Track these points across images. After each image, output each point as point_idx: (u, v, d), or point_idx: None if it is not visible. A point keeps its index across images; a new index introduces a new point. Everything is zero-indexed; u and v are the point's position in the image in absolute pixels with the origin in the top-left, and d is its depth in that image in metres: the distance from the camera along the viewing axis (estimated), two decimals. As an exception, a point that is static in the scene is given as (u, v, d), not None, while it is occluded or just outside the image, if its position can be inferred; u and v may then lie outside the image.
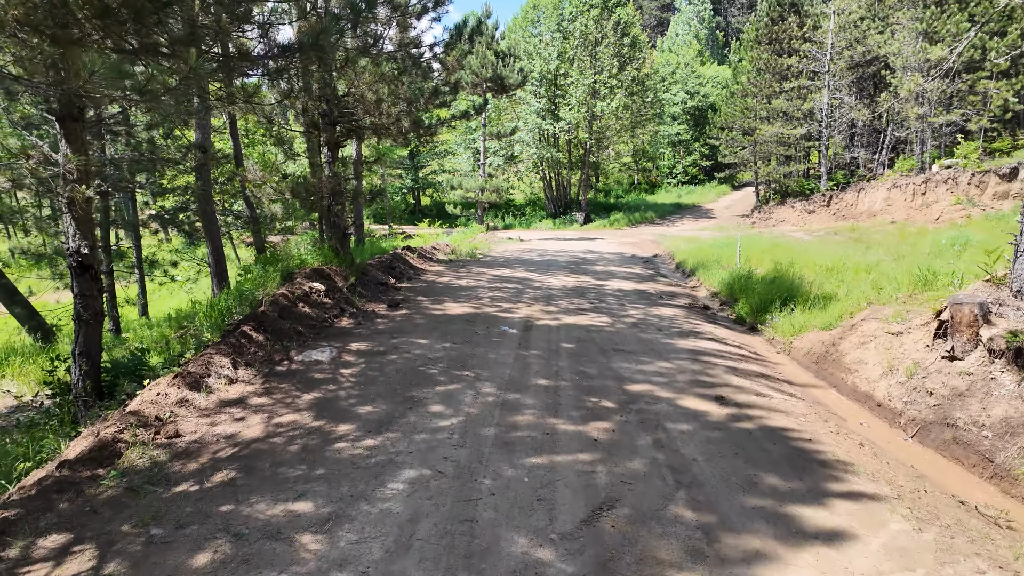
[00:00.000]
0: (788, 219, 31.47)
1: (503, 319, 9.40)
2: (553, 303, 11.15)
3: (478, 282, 13.12)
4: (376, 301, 9.85)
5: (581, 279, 14.60)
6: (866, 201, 30.02)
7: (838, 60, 30.31)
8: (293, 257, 9.65)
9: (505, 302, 10.91)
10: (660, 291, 13.70)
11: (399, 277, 12.34)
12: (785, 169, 32.48)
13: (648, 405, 5.92)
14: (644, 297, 12.68)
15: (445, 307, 10.08)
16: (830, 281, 13.10)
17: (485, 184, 27.55)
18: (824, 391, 7.67)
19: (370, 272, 11.10)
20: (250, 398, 5.59)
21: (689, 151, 44.86)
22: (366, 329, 8.31)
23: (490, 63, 25.57)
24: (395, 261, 13.29)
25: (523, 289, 12.46)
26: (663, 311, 11.29)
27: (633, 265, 18.32)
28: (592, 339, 8.48)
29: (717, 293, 13.83)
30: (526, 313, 9.97)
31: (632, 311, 11.05)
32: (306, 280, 8.66)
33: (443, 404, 5.56)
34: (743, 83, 33.69)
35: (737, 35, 72.43)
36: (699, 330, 9.84)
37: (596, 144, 34.74)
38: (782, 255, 17.36)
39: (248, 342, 6.64)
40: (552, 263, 17.47)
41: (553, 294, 12.10)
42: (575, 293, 12.40)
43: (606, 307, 11.13)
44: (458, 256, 18.18)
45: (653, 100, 36.53)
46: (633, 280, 15.08)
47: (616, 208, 37.34)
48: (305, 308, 8.05)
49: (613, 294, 12.68)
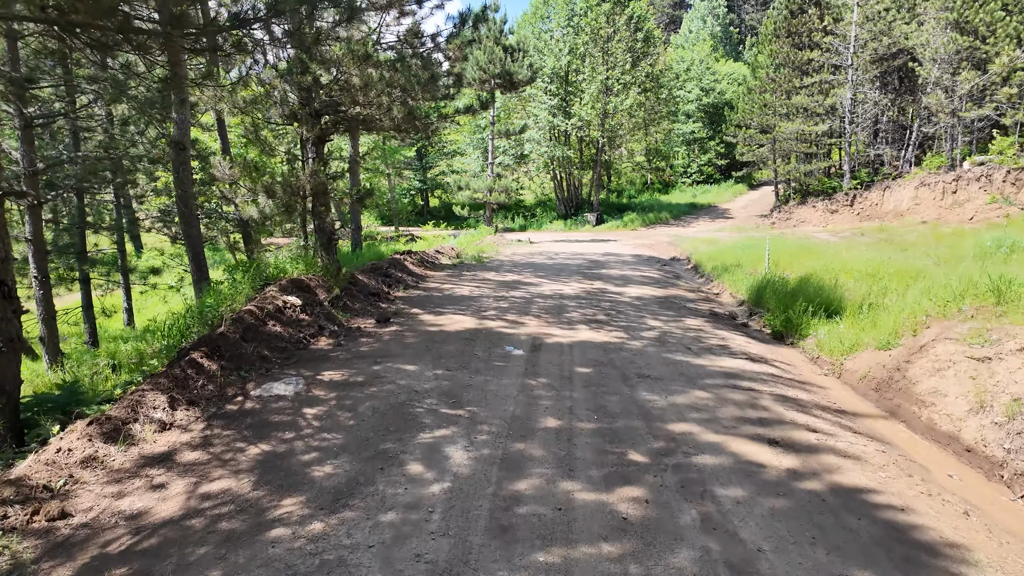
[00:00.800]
0: (809, 219, 29.96)
1: (508, 336, 8.14)
2: (565, 315, 9.87)
3: (482, 290, 11.86)
4: (364, 315, 8.65)
5: (595, 285, 13.31)
6: (892, 200, 28.47)
7: (862, 53, 28.76)
8: (270, 265, 8.48)
9: (511, 314, 9.65)
10: (681, 298, 12.39)
11: (395, 286, 11.14)
12: (806, 167, 30.96)
13: (687, 456, 4.64)
14: (665, 306, 11.38)
15: (442, 321, 8.83)
16: (872, 289, 11.75)
17: (493, 184, 26.28)
18: (891, 426, 6.33)
19: (360, 281, 9.88)
20: (181, 452, 4.37)
21: (704, 150, 43.34)
22: (346, 352, 7.08)
23: (498, 58, 24.32)
24: (392, 268, 12.07)
25: (531, 298, 11.18)
26: (688, 323, 9.98)
27: (650, 269, 17.01)
28: (611, 361, 7.19)
29: (744, 301, 12.49)
30: (534, 328, 8.69)
31: (653, 323, 9.75)
32: (280, 293, 7.47)
33: (425, 462, 4.30)
34: (761, 78, 32.22)
35: (752, 32, 70.72)
36: (731, 346, 8.53)
37: (608, 142, 33.40)
38: (812, 258, 15.98)
39: (196, 373, 5.42)
40: (563, 268, 16.18)
41: (565, 304, 10.82)
42: (589, 302, 11.12)
43: (624, 319, 9.84)
44: (463, 260, 16.94)
45: (667, 97, 35.13)
46: (651, 286, 13.77)
47: (629, 208, 35.96)
48: (276, 327, 6.83)
49: (631, 303, 11.38)
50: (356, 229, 14.36)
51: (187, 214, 10.61)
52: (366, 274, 10.63)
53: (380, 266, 11.82)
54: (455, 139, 40.87)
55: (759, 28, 72.36)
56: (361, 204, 13.55)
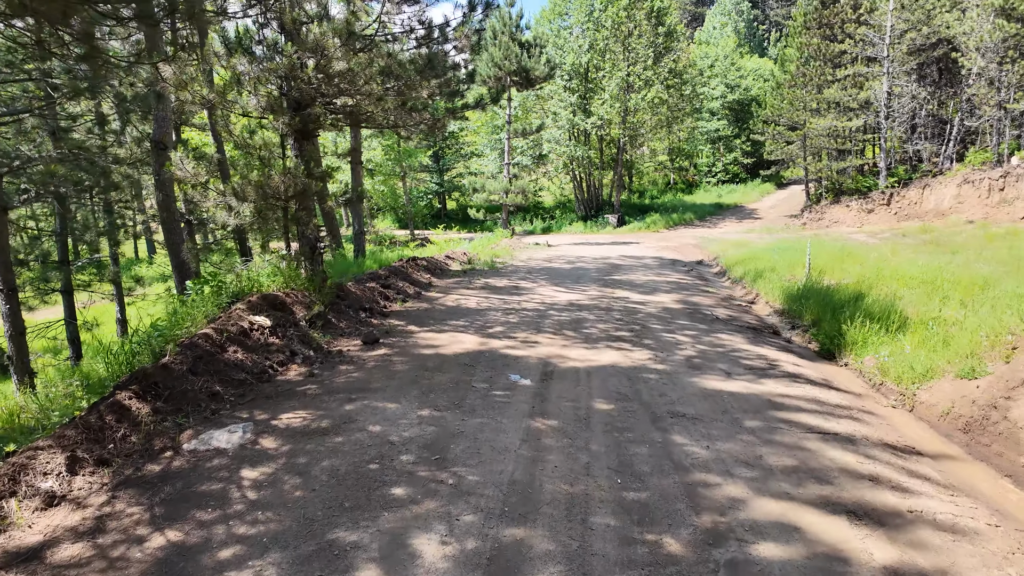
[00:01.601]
0: (843, 219, 28.25)
1: (514, 360, 6.91)
2: (582, 330, 8.62)
3: (491, 301, 10.65)
4: (350, 335, 7.51)
5: (616, 294, 12.02)
6: (932, 199, 26.68)
7: (898, 44, 26.99)
8: (242, 278, 7.36)
9: (521, 331, 8.42)
10: (713, 308, 11.05)
11: (393, 297, 9.98)
12: (839, 165, 29.23)
13: (744, 544, 3.39)
14: (695, 317, 10.06)
15: (441, 341, 7.65)
16: (932, 300, 10.32)
17: (510, 186, 25.05)
18: (996, 483, 4.98)
19: (351, 294, 8.73)
20: (58, 545, 3.22)
21: (730, 148, 41.64)
22: (318, 384, 5.93)
23: (514, 54, 23.13)
24: (393, 276, 10.92)
25: (545, 311, 9.94)
26: (722, 338, 8.67)
27: (675, 274, 15.65)
28: (637, 393, 5.93)
29: (785, 312, 11.12)
30: (546, 349, 7.45)
31: (683, 339, 8.45)
32: (248, 312, 6.35)
33: (383, 564, 3.09)
34: (791, 72, 30.55)
35: (778, 27, 68.64)
36: (777, 369, 7.22)
37: (630, 141, 31.99)
38: (854, 263, 14.51)
39: (118, 420, 4.30)
40: (582, 274, 14.91)
41: (582, 317, 9.56)
42: (610, 315, 9.85)
43: (650, 335, 8.56)
44: (475, 266, 15.75)
45: (691, 94, 33.60)
46: (678, 293, 12.44)
47: (652, 209, 34.50)
48: (237, 354, 5.71)
49: (656, 314, 10.09)
50: (359, 234, 13.21)
51: (168, 219, 9.58)
52: (360, 285, 9.47)
53: (379, 275, 10.68)
54: (473, 140, 39.79)
55: (784, 24, 70.21)
56: (355, 206, 12.41)
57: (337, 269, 10.91)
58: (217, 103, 6.47)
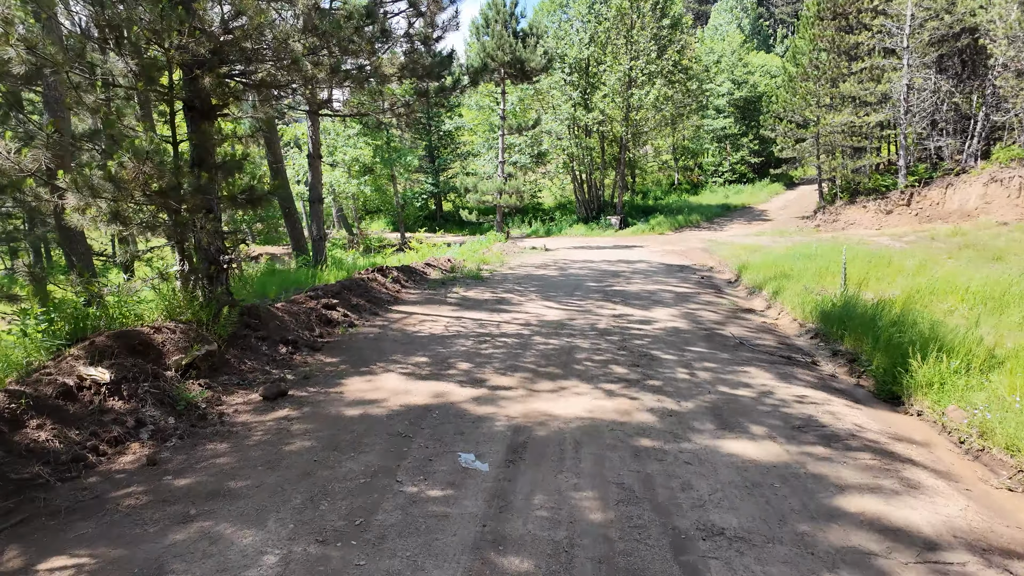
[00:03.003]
0: (860, 221, 26.14)
1: (473, 424, 4.88)
2: (573, 366, 6.60)
3: (464, 324, 8.61)
4: (252, 384, 5.52)
5: (617, 310, 10.00)
6: (956, 199, 24.57)
7: (919, 33, 24.88)
8: (110, 307, 5.37)
9: (492, 369, 6.40)
10: (732, 328, 9.02)
11: (339, 321, 7.93)
12: (854, 163, 27.11)
13: None
14: (714, 342, 8.04)
15: (376, 392, 5.58)
16: (1002, 321, 8.31)
17: (504, 185, 22.98)
18: None
19: (273, 321, 6.69)
20: None
21: (737, 147, 39.48)
22: (155, 480, 3.89)
23: (508, 44, 21.12)
24: (347, 292, 8.91)
25: (529, 337, 7.90)
26: (753, 374, 6.66)
27: (685, 283, 13.63)
28: (650, 486, 3.92)
29: (818, 332, 9.09)
30: (521, 402, 5.41)
31: (704, 377, 6.44)
32: (85, 359, 4.37)
33: None
34: (803, 65, 28.45)
35: (783, 24, 66.51)
36: (833, 426, 5.22)
37: (633, 139, 29.92)
38: (891, 271, 12.47)
39: None
40: (579, 283, 12.89)
41: (574, 345, 7.55)
42: (609, 341, 7.82)
43: (661, 371, 6.54)
44: (457, 274, 13.75)
45: (696, 89, 31.51)
46: (689, 307, 10.43)
47: (656, 211, 32.41)
48: (42, 430, 3.74)
49: (667, 339, 8.07)
50: (319, 239, 11.19)
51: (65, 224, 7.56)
52: (295, 307, 7.43)
53: (329, 290, 8.68)
54: (470, 140, 37.81)
55: (790, 22, 68.02)
56: (314, 208, 10.43)
57: (277, 283, 8.97)
58: (62, 64, 4.52)
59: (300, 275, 10.05)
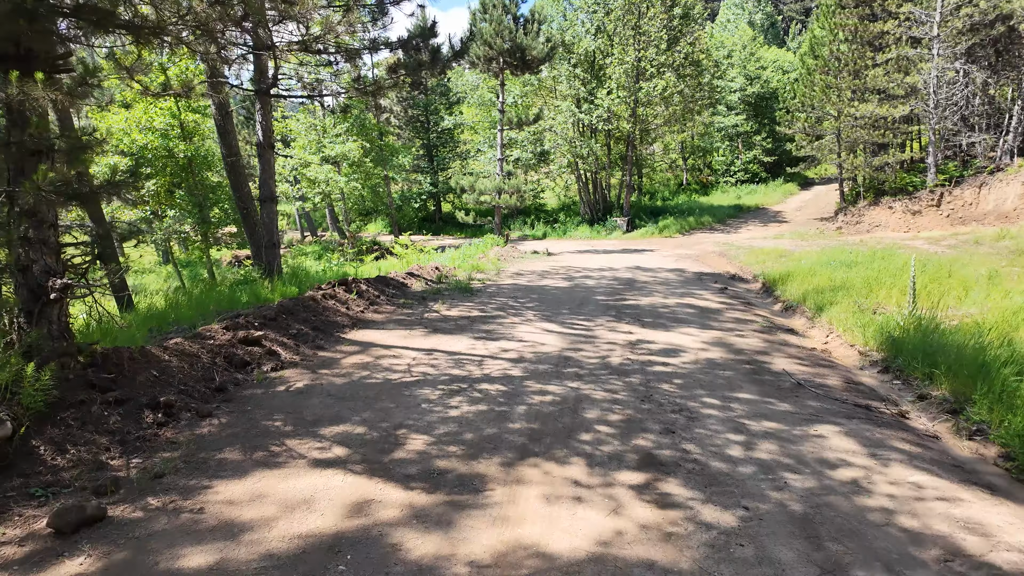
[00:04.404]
0: (886, 223, 24.00)
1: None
2: (578, 438, 4.58)
3: (434, 360, 6.54)
4: (60, 491, 3.44)
5: (634, 334, 7.98)
6: (992, 199, 22.39)
7: (951, 20, 22.71)
8: None
9: (457, 448, 4.35)
10: (777, 357, 6.98)
11: (261, 360, 5.78)
12: (879, 160, 24.94)
13: None
14: (763, 383, 6.02)
15: (258, 502, 3.53)
16: None
17: (503, 185, 20.95)
18: None
19: (147, 372, 4.58)
20: None
21: (749, 145, 37.29)
22: None
23: (508, 30, 19.10)
24: (284, 317, 6.86)
25: (520, 382, 5.87)
26: (829, 439, 4.66)
27: (707, 293, 11.60)
28: None
29: (890, 365, 7.06)
30: (493, 533, 3.31)
31: (767, 449, 4.44)
32: None
33: None
34: (823, 56, 26.31)
35: (792, 21, 64.29)
36: (979, 548, 3.18)
37: (641, 136, 27.83)
38: (953, 284, 10.39)
39: None
40: (585, 297, 10.87)
41: (580, 394, 5.52)
42: (628, 386, 5.79)
43: (707, 442, 4.53)
44: (445, 285, 11.73)
45: (708, 82, 29.37)
46: (720, 329, 8.39)
47: (665, 212, 30.32)
48: None
49: (701, 380, 6.05)
50: (272, 245, 9.17)
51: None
52: (193, 345, 5.30)
53: (261, 315, 6.62)
54: (472, 138, 35.82)
55: (799, 18, 65.69)
56: (267, 208, 8.39)
57: (196, 306, 7.01)
58: None
59: (238, 292, 8.07)
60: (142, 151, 13.94)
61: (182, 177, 14.70)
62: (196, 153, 14.38)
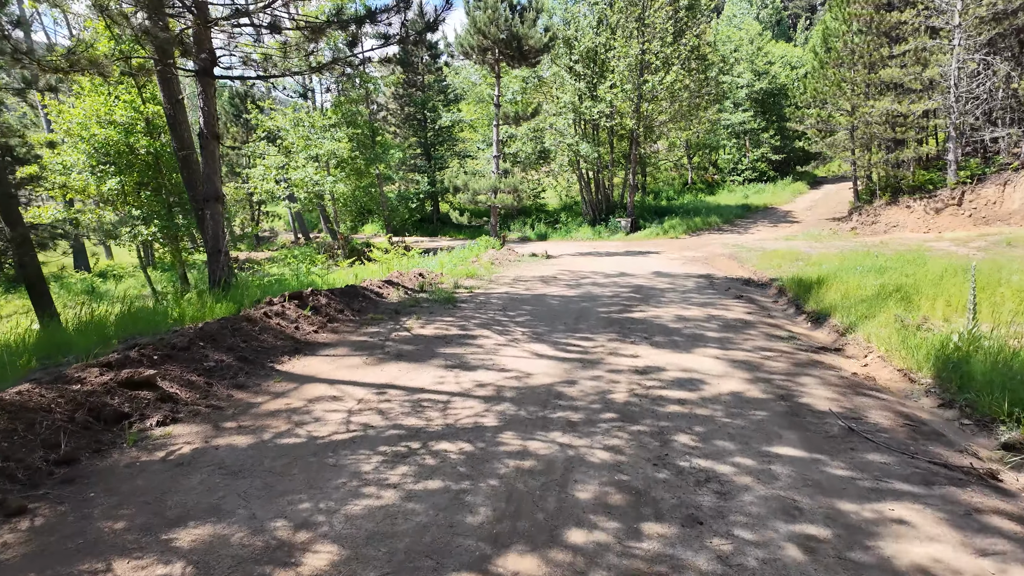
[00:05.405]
0: (904, 223, 22.60)
1: None
2: (561, 534, 3.26)
3: (386, 403, 5.06)
4: None
5: (641, 357, 6.65)
6: (1017, 197, 20.97)
7: (973, 8, 21.27)
8: None
9: (376, 573, 3.05)
10: (811, 386, 5.63)
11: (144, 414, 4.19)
12: (896, 155, 23.51)
13: None
14: (807, 427, 4.70)
15: None
16: None
17: (499, 183, 19.61)
18: None
19: None
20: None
21: (757, 143, 35.83)
22: None
23: (503, 19, 17.77)
24: (199, 345, 5.44)
25: (494, 435, 4.51)
26: (914, 523, 3.29)
27: (721, 300, 10.27)
28: None
29: (947, 398, 5.71)
30: None
31: (830, 554, 3.08)
32: None
33: None
34: (836, 49, 24.90)
35: (804, 17, 62.76)
36: None
37: (645, 133, 26.45)
38: (1008, 294, 9.02)
39: None
40: (585, 309, 9.55)
41: (572, 455, 4.21)
42: (635, 439, 4.46)
43: (737, 523, 3.22)
44: (426, 294, 10.41)
45: (715, 76, 27.95)
46: (742, 349, 7.04)
47: (670, 212, 28.94)
48: None
49: (733, 430, 4.71)
50: (215, 252, 7.66)
51: None
52: (49, 392, 3.97)
53: (167, 344, 5.13)
54: (471, 137, 34.52)
55: (805, 15, 64.07)
56: (211, 208, 7.11)
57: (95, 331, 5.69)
58: None
59: (164, 311, 6.71)
60: (103, 146, 12.68)
61: (149, 176, 13.42)
62: (162, 151, 13.09)
